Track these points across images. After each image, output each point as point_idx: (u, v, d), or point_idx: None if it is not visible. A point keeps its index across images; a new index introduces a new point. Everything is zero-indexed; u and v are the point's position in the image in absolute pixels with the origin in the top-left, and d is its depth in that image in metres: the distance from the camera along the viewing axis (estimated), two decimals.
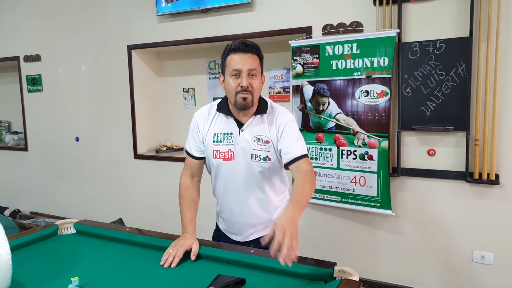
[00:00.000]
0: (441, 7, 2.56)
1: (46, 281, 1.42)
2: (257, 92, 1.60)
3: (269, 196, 1.72)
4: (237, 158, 1.66)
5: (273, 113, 1.67)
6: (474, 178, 2.55)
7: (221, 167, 1.69)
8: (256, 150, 1.64)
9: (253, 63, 1.56)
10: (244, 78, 1.55)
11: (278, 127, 1.63)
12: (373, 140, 2.75)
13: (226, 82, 1.60)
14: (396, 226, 2.85)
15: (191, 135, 1.77)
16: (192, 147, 1.77)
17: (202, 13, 3.36)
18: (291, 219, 1.29)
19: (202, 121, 1.72)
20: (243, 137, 1.65)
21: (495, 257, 2.59)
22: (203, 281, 1.35)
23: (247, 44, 1.56)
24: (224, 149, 1.66)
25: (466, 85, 2.50)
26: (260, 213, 1.73)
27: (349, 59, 2.78)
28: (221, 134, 1.67)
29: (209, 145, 1.70)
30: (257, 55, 1.59)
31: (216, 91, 3.86)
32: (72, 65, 4.20)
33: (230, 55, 1.58)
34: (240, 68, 1.55)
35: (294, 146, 1.60)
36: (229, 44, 1.60)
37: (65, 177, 4.46)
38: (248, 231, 1.76)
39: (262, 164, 1.65)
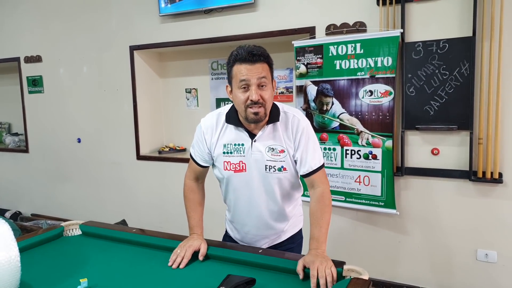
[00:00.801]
0: (444, 7, 2.57)
1: (54, 282, 1.41)
2: (269, 103, 1.49)
3: (283, 207, 1.66)
4: (250, 170, 1.58)
5: (287, 119, 1.57)
6: (478, 177, 2.56)
7: (232, 179, 1.62)
8: (271, 161, 1.56)
9: (262, 72, 1.44)
10: (253, 92, 1.43)
11: (295, 136, 1.55)
12: (377, 139, 2.76)
13: (234, 94, 1.49)
14: (400, 225, 2.85)
15: (196, 144, 1.70)
16: (197, 155, 1.70)
17: (205, 14, 3.36)
18: (320, 254, 1.41)
19: (209, 133, 1.62)
20: (256, 148, 1.56)
21: (499, 255, 2.60)
22: (212, 282, 1.36)
23: (254, 53, 1.42)
24: (235, 160, 1.58)
25: (470, 84, 2.51)
26: (273, 225, 1.68)
27: (352, 59, 2.78)
28: (232, 145, 1.58)
29: (219, 156, 1.62)
30: (266, 62, 1.46)
31: (218, 92, 3.86)
32: (74, 66, 4.20)
33: (236, 65, 1.45)
34: (249, 79, 1.43)
35: (310, 158, 1.55)
36: (234, 53, 1.46)
37: (67, 179, 4.45)
38: (261, 242, 1.72)
39: (277, 175, 1.58)
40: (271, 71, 1.50)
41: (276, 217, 1.67)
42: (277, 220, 1.68)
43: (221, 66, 3.83)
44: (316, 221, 1.50)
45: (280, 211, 1.67)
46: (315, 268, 1.32)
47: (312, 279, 1.31)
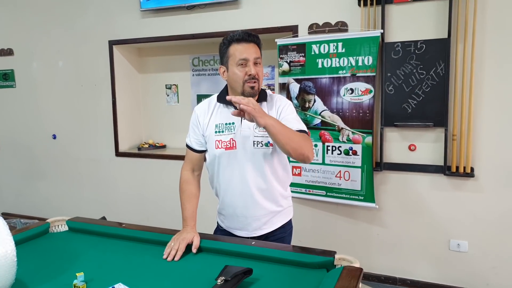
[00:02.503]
0: (422, 9, 2.69)
1: (49, 277, 1.40)
2: (262, 80, 1.66)
3: (272, 185, 1.72)
4: (239, 147, 1.67)
5: (272, 100, 1.72)
6: (452, 171, 2.70)
7: (223, 157, 1.70)
8: (258, 136, 1.66)
9: (257, 51, 1.62)
10: (251, 67, 1.59)
11: (277, 110, 1.68)
12: (357, 136, 2.85)
13: (232, 72, 1.62)
14: (379, 218, 2.97)
15: (191, 129, 1.78)
16: (193, 140, 1.77)
17: (187, 10, 3.36)
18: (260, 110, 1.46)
19: (202, 114, 1.73)
20: (245, 125, 1.66)
21: (470, 245, 2.76)
22: (207, 273, 1.39)
23: (250, 34, 1.62)
24: (226, 138, 1.68)
25: (445, 83, 2.64)
26: (264, 204, 1.72)
27: (334, 57, 2.86)
28: (223, 124, 1.69)
29: (210, 136, 1.71)
30: (258, 44, 1.65)
31: (200, 88, 3.86)
32: (49, 60, 4.08)
33: (232, 45, 1.61)
34: (247, 57, 1.59)
35: (293, 123, 1.63)
36: (231, 35, 1.63)
37: (42, 176, 4.33)
38: (253, 224, 1.75)
39: (264, 150, 1.66)
40: (261, 55, 1.67)
41: (265, 196, 1.72)
42: (267, 198, 1.72)
43: (202, 63, 3.83)
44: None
45: (269, 189, 1.71)
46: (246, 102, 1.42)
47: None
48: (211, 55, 3.77)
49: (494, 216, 2.67)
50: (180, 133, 3.99)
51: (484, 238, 2.71)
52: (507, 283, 2.69)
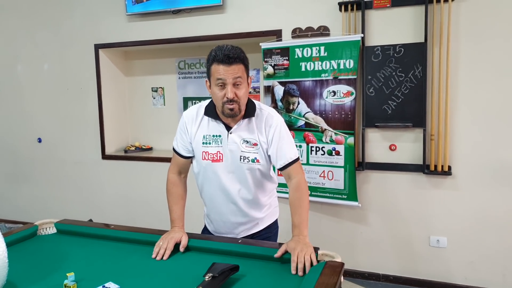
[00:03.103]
0: (400, 14, 2.79)
1: (39, 278, 1.43)
2: (244, 100, 1.60)
3: (257, 196, 1.76)
4: (226, 160, 1.68)
5: (262, 115, 1.68)
6: (430, 170, 2.81)
7: (209, 168, 1.71)
8: (245, 152, 1.67)
9: (238, 71, 1.54)
10: (229, 90, 1.53)
11: (268, 132, 1.67)
12: (339, 137, 2.94)
13: (212, 91, 1.60)
14: (362, 216, 3.06)
15: (179, 135, 1.78)
16: (180, 146, 1.78)
17: (173, 14, 3.40)
18: (302, 240, 1.54)
19: (190, 122, 1.72)
20: (232, 140, 1.67)
21: (449, 240, 2.87)
22: (196, 271, 1.44)
23: (230, 56, 1.52)
24: (213, 150, 1.69)
25: (422, 85, 2.75)
26: (249, 212, 1.77)
27: (317, 61, 2.95)
28: (210, 136, 1.69)
29: (198, 146, 1.72)
30: (241, 63, 1.56)
31: (186, 91, 3.90)
32: (33, 64, 4.07)
33: (214, 64, 1.55)
34: (225, 79, 1.53)
35: (285, 152, 1.66)
36: (213, 54, 1.55)
37: (26, 180, 4.30)
38: (239, 228, 1.80)
39: (251, 165, 1.68)
40: (246, 71, 1.61)
41: (250, 205, 1.77)
42: (252, 208, 1.77)
43: (188, 66, 3.87)
44: (295, 209, 1.64)
45: (254, 200, 1.76)
46: (296, 254, 1.45)
47: (292, 263, 1.44)
48: (197, 58, 3.82)
49: (471, 213, 2.79)
50: (167, 135, 4.03)
51: (462, 233, 2.83)
52: (484, 276, 2.81)
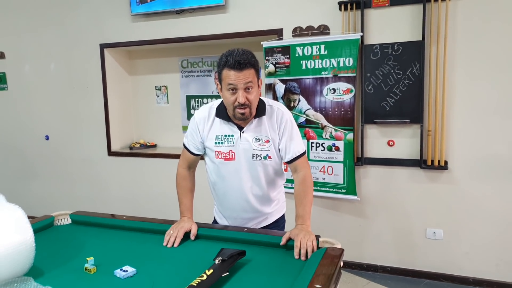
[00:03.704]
0: (398, 13, 2.89)
1: (60, 263, 1.52)
2: (255, 103, 1.66)
3: (267, 192, 1.84)
4: (238, 158, 1.74)
5: (272, 111, 1.75)
6: (427, 164, 2.91)
7: (222, 167, 1.78)
8: (257, 150, 1.73)
9: (249, 76, 1.59)
10: (240, 95, 1.59)
11: (279, 127, 1.74)
12: (339, 133, 3.04)
13: (224, 95, 1.65)
14: (360, 210, 3.16)
15: (190, 134, 1.84)
16: (191, 144, 1.84)
17: (176, 14, 3.49)
18: (305, 228, 1.64)
19: (202, 123, 1.78)
20: (244, 139, 1.73)
21: (445, 233, 2.97)
22: (205, 256, 1.53)
23: (241, 62, 1.57)
24: (225, 150, 1.75)
25: (420, 83, 2.85)
26: (259, 208, 1.86)
27: (317, 59, 3.04)
28: (222, 136, 1.75)
29: (210, 146, 1.78)
30: (252, 67, 1.60)
31: (189, 89, 4.00)
32: (40, 63, 4.16)
33: (225, 70, 1.60)
34: (236, 85, 1.58)
35: (293, 146, 1.75)
36: (224, 59, 1.60)
37: (34, 177, 4.40)
38: (249, 223, 1.90)
39: (263, 162, 1.76)
40: (257, 74, 1.66)
41: (261, 202, 1.86)
42: (262, 204, 1.87)
43: (191, 64, 3.96)
44: (300, 201, 1.74)
45: (265, 196, 1.85)
46: (299, 240, 1.55)
47: (296, 249, 1.54)
48: (199, 57, 3.91)
49: (466, 206, 2.89)
50: (170, 132, 4.13)
51: (458, 226, 2.92)
52: (478, 267, 2.91)
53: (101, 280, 1.40)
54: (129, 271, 1.42)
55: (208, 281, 1.27)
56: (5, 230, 1.34)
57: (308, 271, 1.35)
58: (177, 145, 4.09)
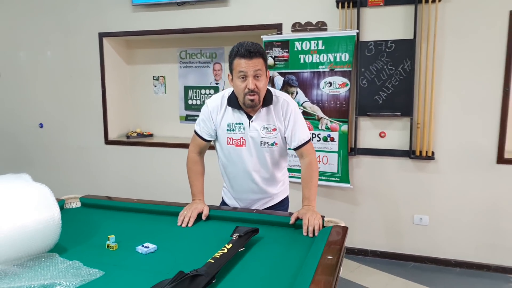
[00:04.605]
0: (392, 12, 3.05)
1: (81, 241, 1.61)
2: (263, 92, 1.79)
3: (274, 174, 1.99)
4: (248, 145, 1.88)
5: (278, 102, 1.88)
6: (416, 155, 3.10)
7: (234, 152, 1.91)
8: (265, 138, 1.87)
9: (258, 65, 1.72)
10: (250, 82, 1.71)
11: (285, 116, 1.87)
12: (334, 124, 3.20)
13: (235, 83, 1.78)
14: (353, 197, 3.34)
15: (202, 121, 1.94)
16: (204, 131, 1.95)
17: (177, 6, 3.57)
18: (311, 208, 1.79)
19: (215, 111, 1.90)
20: (253, 127, 1.86)
21: (431, 218, 3.18)
22: (220, 234, 1.66)
23: (251, 51, 1.70)
24: (237, 136, 1.88)
25: (411, 78, 3.03)
26: (267, 189, 2.00)
27: (315, 54, 3.18)
28: (234, 123, 1.88)
29: (223, 133, 1.90)
30: (261, 57, 1.73)
31: (187, 80, 4.08)
32: (36, 50, 4.17)
33: (236, 59, 1.73)
34: (246, 72, 1.71)
35: (299, 133, 1.88)
36: (235, 49, 1.74)
37: (29, 164, 4.41)
38: (257, 203, 2.04)
39: (270, 149, 1.90)
40: (265, 65, 1.78)
41: (268, 183, 2.00)
42: (269, 185, 2.01)
43: (189, 55, 4.05)
44: (306, 184, 1.88)
45: (272, 178, 2.00)
46: (307, 218, 1.70)
47: (304, 226, 1.69)
48: (198, 49, 4.00)
49: (451, 193, 3.10)
50: (167, 122, 4.21)
51: (443, 212, 3.14)
52: (460, 250, 3.13)
53: (124, 255, 1.49)
54: (151, 247, 1.53)
55: (228, 254, 1.40)
56: (35, 206, 1.42)
57: (319, 245, 1.50)
58: (174, 134, 4.18)
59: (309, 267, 1.31)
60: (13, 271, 1.28)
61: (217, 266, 1.30)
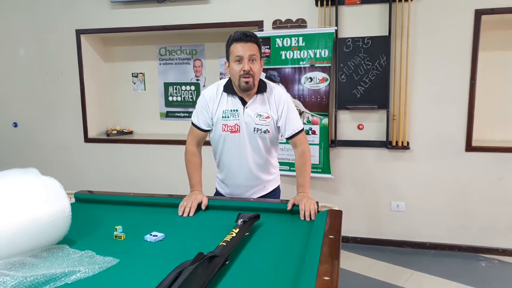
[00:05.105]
0: (368, 10, 3.22)
1: (88, 233, 1.64)
2: (257, 75, 1.90)
3: (266, 160, 2.08)
4: (242, 131, 1.97)
5: (272, 92, 1.98)
6: (392, 145, 3.29)
7: (229, 138, 2.00)
8: (258, 124, 1.96)
9: (253, 49, 1.85)
10: (245, 64, 1.83)
11: (277, 106, 1.97)
12: (316, 118, 3.33)
13: (231, 67, 1.89)
14: (334, 187, 3.49)
15: (200, 111, 2.03)
16: (201, 121, 2.04)
17: (158, 2, 3.58)
18: (306, 195, 1.91)
19: (211, 100, 1.99)
20: (247, 113, 1.95)
21: (407, 205, 3.38)
22: (222, 222, 1.73)
23: (247, 34, 1.86)
24: (232, 123, 1.97)
25: (387, 73, 3.21)
26: (260, 175, 2.09)
27: (296, 50, 3.30)
28: (229, 110, 1.97)
29: (218, 120, 1.99)
30: (256, 43, 1.88)
31: (167, 76, 4.10)
32: (7, 48, 4.04)
33: (233, 44, 1.86)
34: (242, 55, 1.83)
35: (292, 123, 1.99)
36: (232, 35, 1.88)
37: (2, 165, 4.27)
38: (250, 191, 2.12)
39: (263, 136, 2.00)
40: (259, 51, 1.91)
41: (261, 169, 2.09)
42: (262, 171, 2.10)
43: (169, 52, 4.06)
44: (300, 172, 2.00)
45: (264, 164, 2.09)
46: (303, 204, 1.81)
47: (301, 212, 1.80)
48: (178, 45, 4.02)
49: (425, 180, 3.31)
50: (147, 119, 4.21)
51: (418, 198, 3.35)
52: (434, 232, 3.36)
53: (133, 244, 1.53)
54: (159, 236, 1.58)
55: (237, 237, 1.49)
56: (47, 198, 1.45)
57: (319, 227, 1.61)
58: (154, 131, 4.18)
59: (314, 246, 1.41)
60: (30, 261, 1.30)
61: (229, 248, 1.38)
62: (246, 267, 1.35)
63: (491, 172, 3.18)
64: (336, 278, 1.16)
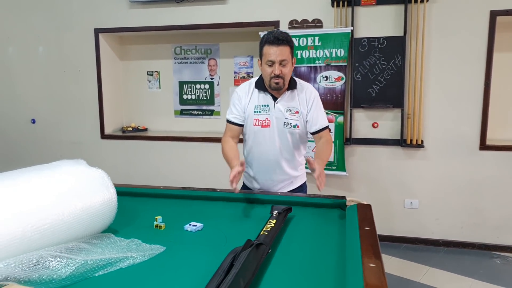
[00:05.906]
0: (384, 11, 3.29)
1: (128, 223, 1.70)
2: (288, 76, 1.98)
3: (294, 156, 2.14)
4: (272, 125, 2.05)
5: (302, 89, 2.07)
6: (406, 143, 3.36)
7: (259, 133, 2.07)
8: (288, 119, 2.04)
9: (285, 53, 1.90)
10: (276, 68, 1.91)
11: (308, 101, 2.06)
12: (331, 116, 3.40)
13: (263, 68, 1.97)
14: (348, 184, 3.56)
15: (233, 107, 2.11)
16: (236, 117, 2.11)
17: (176, 3, 3.64)
18: (322, 167, 1.91)
19: (244, 95, 2.08)
20: (278, 108, 2.04)
21: (420, 202, 3.45)
22: (254, 214, 1.80)
23: (279, 38, 1.89)
24: (263, 117, 2.05)
25: (401, 72, 3.28)
26: (288, 170, 2.14)
27: (312, 49, 3.37)
28: (260, 105, 2.05)
29: (250, 114, 2.07)
30: (288, 45, 1.92)
31: (182, 75, 4.16)
32: (27, 46, 4.10)
33: (266, 46, 1.92)
34: (274, 59, 1.90)
35: (320, 119, 2.07)
36: (265, 37, 1.93)
37: (20, 161, 4.32)
38: (278, 186, 2.18)
39: (292, 130, 2.06)
40: (291, 52, 1.97)
41: (289, 164, 2.15)
42: (290, 167, 2.16)
43: (184, 51, 4.13)
44: (321, 152, 2.06)
45: (292, 159, 2.15)
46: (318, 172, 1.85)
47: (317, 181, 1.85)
48: (193, 45, 4.08)
49: (438, 178, 3.38)
50: (162, 116, 4.27)
51: (431, 196, 3.42)
52: (447, 230, 3.43)
53: (174, 234, 1.59)
54: (198, 225, 1.63)
55: (276, 227, 1.55)
56: (97, 188, 1.51)
57: (352, 219, 1.67)
58: (168, 128, 4.24)
59: (352, 236, 1.47)
60: (84, 247, 1.36)
61: (271, 237, 1.45)
62: (288, 255, 1.41)
63: (504, 170, 3.25)
64: (381, 265, 1.22)
